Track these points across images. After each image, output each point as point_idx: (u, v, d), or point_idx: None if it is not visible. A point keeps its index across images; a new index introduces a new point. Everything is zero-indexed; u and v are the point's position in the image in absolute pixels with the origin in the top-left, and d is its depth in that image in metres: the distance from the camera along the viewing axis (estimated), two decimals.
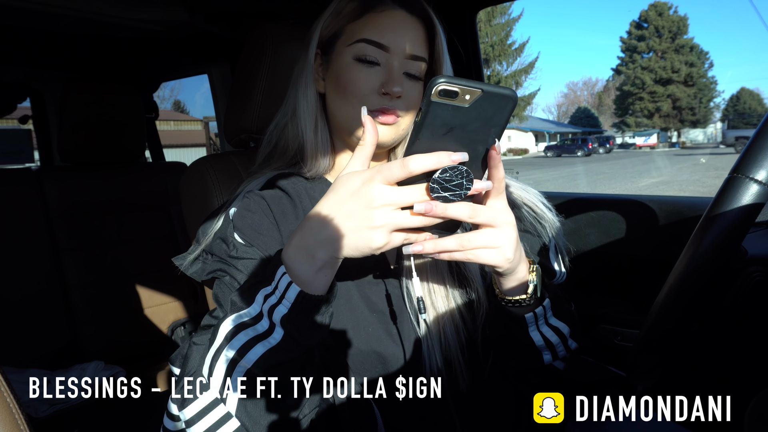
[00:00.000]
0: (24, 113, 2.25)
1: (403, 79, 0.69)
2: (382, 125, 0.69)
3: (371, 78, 0.69)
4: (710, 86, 36.38)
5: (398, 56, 0.69)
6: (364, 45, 0.68)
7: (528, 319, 0.64)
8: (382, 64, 0.69)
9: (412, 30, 0.70)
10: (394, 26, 0.69)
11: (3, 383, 0.48)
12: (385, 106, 0.68)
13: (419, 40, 0.70)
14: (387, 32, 0.69)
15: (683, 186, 11.69)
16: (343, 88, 0.70)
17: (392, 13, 0.70)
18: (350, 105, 0.70)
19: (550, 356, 0.68)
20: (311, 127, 0.74)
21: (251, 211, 0.69)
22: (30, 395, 1.28)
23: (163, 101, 24.81)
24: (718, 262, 0.54)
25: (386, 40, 0.68)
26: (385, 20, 0.69)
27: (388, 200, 0.48)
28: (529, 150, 35.39)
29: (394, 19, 0.70)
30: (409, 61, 0.69)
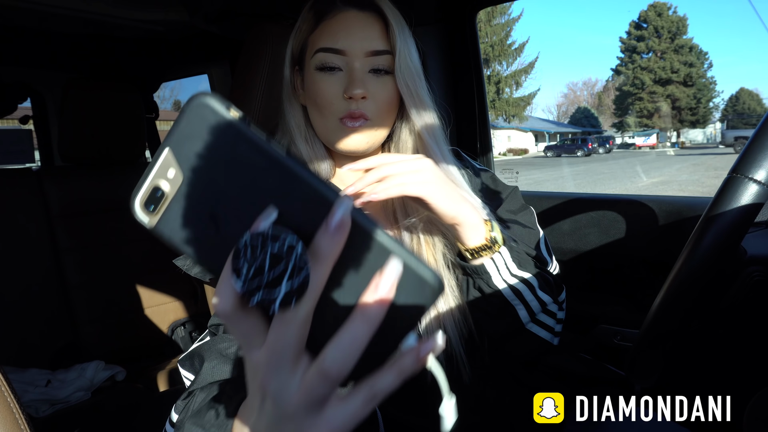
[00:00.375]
0: (25, 113, 2.24)
1: (367, 78, 0.69)
2: (353, 132, 0.70)
3: (335, 85, 0.69)
4: (709, 86, 36.40)
5: (357, 57, 0.69)
6: (322, 54, 0.69)
7: (488, 267, 0.66)
8: (344, 69, 0.69)
9: (366, 27, 0.69)
10: (347, 28, 0.69)
11: (3, 383, 0.48)
12: (351, 109, 0.69)
13: (377, 35, 0.69)
14: (340, 36, 0.69)
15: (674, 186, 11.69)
16: (313, 100, 0.71)
17: (343, 15, 0.70)
18: (322, 116, 0.71)
19: (525, 311, 0.68)
20: (302, 139, 0.75)
21: None
22: (30, 395, 1.28)
23: (163, 101, 24.81)
24: (718, 262, 0.54)
25: (341, 44, 0.68)
26: (336, 25, 0.69)
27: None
28: (529, 150, 35.38)
29: (346, 20, 0.69)
30: (372, 57, 0.69)
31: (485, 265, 0.67)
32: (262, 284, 0.28)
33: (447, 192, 0.64)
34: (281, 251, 0.28)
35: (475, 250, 0.67)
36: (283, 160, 0.29)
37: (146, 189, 0.31)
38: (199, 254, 0.31)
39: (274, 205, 0.29)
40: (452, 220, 0.65)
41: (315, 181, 0.30)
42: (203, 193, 0.30)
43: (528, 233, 0.78)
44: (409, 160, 0.63)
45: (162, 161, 0.30)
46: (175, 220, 0.31)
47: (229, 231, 0.30)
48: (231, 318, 0.30)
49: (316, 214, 0.29)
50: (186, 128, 0.30)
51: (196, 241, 0.31)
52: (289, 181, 0.30)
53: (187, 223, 0.31)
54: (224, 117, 0.30)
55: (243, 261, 0.28)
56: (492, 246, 0.66)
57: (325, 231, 0.29)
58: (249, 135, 0.30)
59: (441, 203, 0.63)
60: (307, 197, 0.30)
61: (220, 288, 0.30)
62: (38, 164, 2.24)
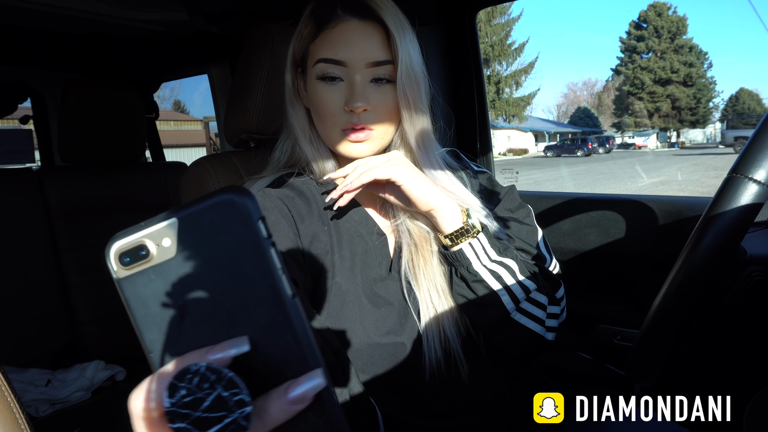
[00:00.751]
0: (25, 113, 2.25)
1: (368, 90, 0.69)
2: (356, 143, 0.71)
3: (336, 96, 0.70)
4: (709, 86, 36.41)
5: (358, 68, 0.69)
6: (323, 65, 0.69)
7: (467, 252, 0.68)
8: (345, 79, 0.69)
9: (367, 37, 0.69)
10: (348, 39, 0.68)
11: (4, 383, 0.48)
12: (353, 122, 0.69)
13: (378, 45, 0.69)
14: (341, 47, 0.68)
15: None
16: (315, 109, 0.72)
17: (344, 25, 0.69)
18: (325, 125, 0.72)
19: (508, 297, 0.69)
20: (307, 141, 0.76)
21: (266, 209, 0.69)
22: (30, 395, 1.28)
23: (163, 101, 24.81)
24: (718, 262, 0.54)
25: (341, 55, 0.68)
26: (337, 35, 0.69)
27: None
28: (529, 150, 35.38)
29: (347, 30, 0.69)
30: (373, 68, 0.69)
31: (464, 250, 0.68)
32: (191, 418, 0.26)
33: (417, 177, 0.67)
34: (229, 401, 0.26)
35: (453, 235, 0.69)
36: (285, 300, 0.28)
37: (132, 241, 0.29)
38: (146, 331, 0.29)
39: (250, 337, 0.28)
40: (426, 205, 0.68)
41: (303, 337, 0.28)
42: (187, 281, 0.28)
43: (527, 230, 0.78)
44: (381, 155, 0.69)
45: (163, 226, 0.29)
46: (144, 286, 0.29)
47: (191, 331, 0.29)
48: (140, 423, 0.28)
49: (284, 368, 0.28)
50: (206, 214, 0.28)
51: (152, 317, 0.29)
52: (279, 323, 0.28)
53: (154, 298, 0.29)
54: (252, 229, 0.28)
55: (186, 386, 0.26)
56: (470, 230, 0.68)
57: (281, 397, 0.27)
58: (265, 258, 0.28)
59: (411, 187, 0.67)
60: (288, 348, 0.28)
61: (147, 391, 0.28)
62: (38, 164, 2.24)
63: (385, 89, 0.70)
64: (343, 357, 0.64)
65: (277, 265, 0.28)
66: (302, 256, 0.69)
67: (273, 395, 0.28)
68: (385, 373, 0.69)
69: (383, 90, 0.70)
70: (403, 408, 0.70)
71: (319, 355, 0.29)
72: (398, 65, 0.68)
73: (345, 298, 0.70)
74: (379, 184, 0.70)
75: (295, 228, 0.70)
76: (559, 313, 0.74)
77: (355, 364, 0.68)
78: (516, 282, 0.69)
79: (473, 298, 0.70)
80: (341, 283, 0.70)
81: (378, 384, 0.69)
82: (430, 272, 0.72)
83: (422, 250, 0.72)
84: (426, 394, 0.70)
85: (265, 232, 0.28)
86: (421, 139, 0.73)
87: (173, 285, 0.29)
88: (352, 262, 0.72)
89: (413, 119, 0.72)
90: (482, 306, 0.70)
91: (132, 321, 0.29)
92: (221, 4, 1.30)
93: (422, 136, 0.73)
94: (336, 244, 0.72)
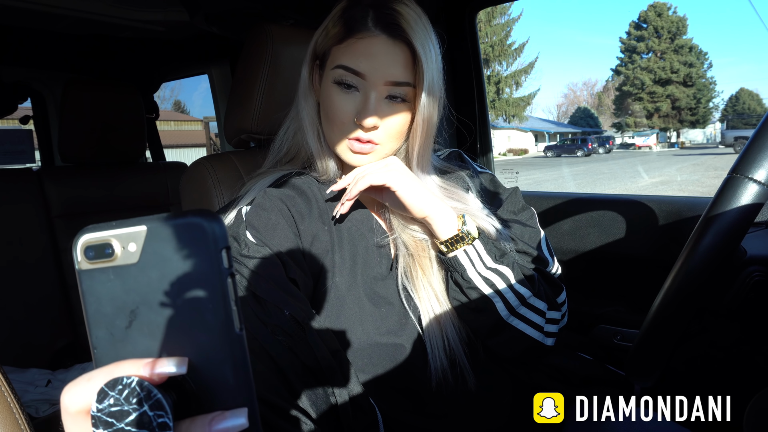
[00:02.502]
0: (25, 113, 2.24)
1: (381, 106, 0.69)
2: (360, 155, 0.71)
3: (349, 104, 0.69)
4: (709, 86, 36.40)
5: (376, 84, 0.68)
6: (342, 71, 0.68)
7: (462, 259, 0.69)
8: (360, 90, 0.69)
9: (392, 56, 0.67)
10: (373, 53, 0.67)
11: (4, 383, 0.48)
12: (360, 136, 0.69)
13: (401, 65, 0.68)
14: (364, 59, 0.67)
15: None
16: (326, 111, 0.72)
17: (372, 39, 0.67)
18: (332, 130, 0.72)
19: (502, 304, 0.69)
20: (314, 135, 0.75)
21: (266, 210, 0.69)
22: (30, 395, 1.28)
23: (163, 101, 24.82)
24: (718, 262, 0.54)
25: (362, 67, 0.67)
26: (363, 47, 0.67)
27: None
28: (529, 150, 35.38)
29: (373, 45, 0.67)
30: (391, 87, 0.68)
31: (459, 257, 0.69)
32: (114, 427, 0.27)
33: (412, 184, 0.69)
34: (153, 422, 0.27)
35: (448, 242, 0.69)
36: (232, 333, 0.29)
37: (100, 237, 0.29)
38: (95, 327, 0.30)
39: (189, 359, 0.29)
40: (420, 212, 0.69)
41: (241, 373, 0.29)
42: (143, 290, 0.29)
43: (529, 233, 0.78)
44: (378, 162, 0.70)
45: (133, 231, 0.29)
46: (101, 283, 0.29)
47: (136, 339, 0.29)
48: (69, 417, 0.29)
49: (216, 397, 0.29)
50: (175, 230, 0.29)
51: (102, 316, 0.29)
52: (220, 353, 0.29)
53: (108, 297, 0.29)
54: (214, 257, 0.29)
55: (115, 396, 0.27)
56: (465, 238, 0.69)
57: (204, 426, 0.28)
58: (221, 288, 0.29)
59: (405, 193, 0.68)
60: (223, 379, 0.29)
61: (81, 388, 0.29)
62: (38, 164, 2.24)
63: (398, 107, 0.70)
64: (342, 358, 0.64)
65: (231, 297, 0.29)
66: (302, 255, 0.69)
67: (198, 422, 0.28)
68: (385, 374, 0.69)
69: (396, 108, 0.70)
70: (403, 408, 0.70)
71: (252, 394, 0.29)
72: (421, 90, 0.68)
73: (345, 297, 0.70)
74: (377, 190, 0.70)
75: (295, 228, 0.70)
76: (559, 318, 0.74)
77: (355, 364, 0.68)
78: (510, 290, 0.69)
79: (467, 303, 0.70)
80: (341, 283, 0.70)
81: (378, 384, 0.69)
82: (429, 281, 0.72)
83: (420, 260, 0.73)
84: (425, 394, 0.70)
85: (226, 262, 0.29)
86: (423, 149, 0.74)
87: (129, 290, 0.29)
88: (352, 261, 0.72)
89: (422, 137, 0.72)
90: (477, 311, 0.70)
91: (84, 314, 0.30)
92: (221, 4, 1.30)
93: (424, 148, 0.74)
94: (336, 244, 0.72)
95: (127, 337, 0.29)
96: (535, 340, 0.71)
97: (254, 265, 0.64)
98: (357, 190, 0.68)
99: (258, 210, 0.69)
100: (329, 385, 0.61)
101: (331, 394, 0.61)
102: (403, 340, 0.71)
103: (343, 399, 0.61)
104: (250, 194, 0.73)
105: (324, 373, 0.60)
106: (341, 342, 0.67)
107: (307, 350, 0.60)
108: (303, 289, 0.67)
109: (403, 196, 0.68)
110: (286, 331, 0.59)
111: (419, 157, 0.74)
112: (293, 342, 0.59)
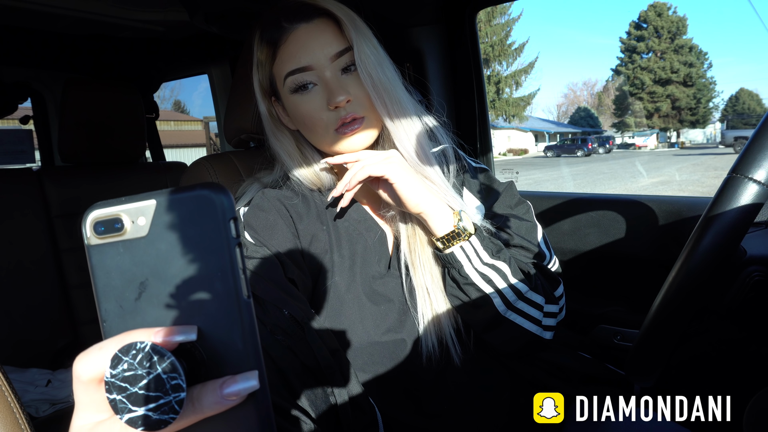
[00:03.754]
0: (25, 113, 2.24)
1: (343, 81, 0.69)
2: (352, 135, 0.70)
3: (316, 100, 0.69)
4: (709, 86, 36.40)
5: (325, 66, 0.69)
6: (291, 78, 0.70)
7: (459, 256, 0.69)
8: (318, 83, 0.69)
9: (320, 34, 0.69)
10: (303, 44, 0.69)
11: (4, 383, 0.48)
12: (341, 117, 0.69)
13: (333, 37, 0.70)
14: (301, 54, 0.69)
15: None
16: (302, 123, 0.72)
17: (295, 34, 0.69)
18: (317, 134, 0.72)
19: (500, 299, 0.69)
20: (298, 163, 0.76)
21: (264, 210, 0.69)
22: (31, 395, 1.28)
23: (163, 101, 24.80)
24: (718, 262, 0.54)
25: (304, 61, 0.69)
26: (293, 45, 0.69)
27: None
28: (529, 150, 35.38)
29: (300, 37, 0.69)
30: (337, 60, 0.69)
31: (455, 254, 0.69)
32: (128, 392, 0.27)
33: (410, 178, 0.68)
34: (166, 384, 0.27)
35: (445, 238, 0.69)
36: (240, 300, 0.29)
37: (110, 212, 0.30)
38: (104, 300, 0.30)
39: (199, 327, 0.29)
40: (416, 207, 0.69)
41: (249, 338, 0.29)
42: (152, 262, 0.30)
43: (526, 227, 0.78)
44: (379, 153, 0.70)
45: (142, 205, 0.30)
46: (111, 257, 0.30)
47: (145, 309, 0.30)
48: (81, 386, 0.30)
49: (226, 363, 0.29)
50: (184, 203, 0.30)
51: (111, 289, 0.30)
52: (229, 319, 0.29)
53: (118, 271, 0.30)
54: (221, 226, 0.29)
55: (128, 360, 0.28)
56: (461, 234, 0.69)
57: (216, 390, 0.29)
58: (229, 256, 0.29)
59: (402, 186, 0.67)
60: (233, 345, 0.29)
61: (93, 356, 0.29)
62: (38, 164, 2.24)
63: (355, 75, 0.70)
64: (341, 357, 0.64)
65: (239, 265, 0.29)
66: (301, 255, 0.69)
67: (209, 387, 0.29)
68: (386, 372, 0.70)
69: (355, 77, 0.70)
70: (403, 407, 0.70)
71: (261, 359, 0.30)
72: (354, 48, 0.68)
73: (344, 297, 0.70)
74: (375, 181, 0.71)
75: (293, 228, 0.70)
76: (557, 312, 0.74)
77: (355, 363, 0.68)
78: (507, 285, 0.69)
79: (465, 299, 0.70)
80: (340, 282, 0.70)
81: (378, 383, 0.69)
82: (426, 258, 0.73)
83: (418, 255, 0.73)
84: (425, 393, 0.70)
85: (234, 231, 0.29)
86: (409, 135, 0.72)
87: (138, 263, 0.30)
88: (351, 260, 0.72)
89: (383, 99, 0.70)
90: (474, 306, 0.70)
91: (93, 288, 0.31)
92: (221, 4, 1.30)
93: (409, 132, 0.72)
94: (335, 243, 0.72)
95: (137, 309, 0.30)
96: (533, 334, 0.71)
97: (253, 266, 0.64)
98: (356, 180, 0.68)
99: (256, 210, 0.69)
100: (329, 384, 0.61)
101: (330, 394, 0.61)
102: (403, 335, 0.71)
103: (342, 399, 0.61)
104: (248, 195, 0.73)
105: (323, 373, 0.60)
106: (341, 341, 0.68)
107: (306, 350, 0.60)
108: (302, 289, 0.67)
109: (401, 188, 0.68)
110: (285, 330, 0.59)
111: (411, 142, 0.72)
112: (292, 342, 0.59)
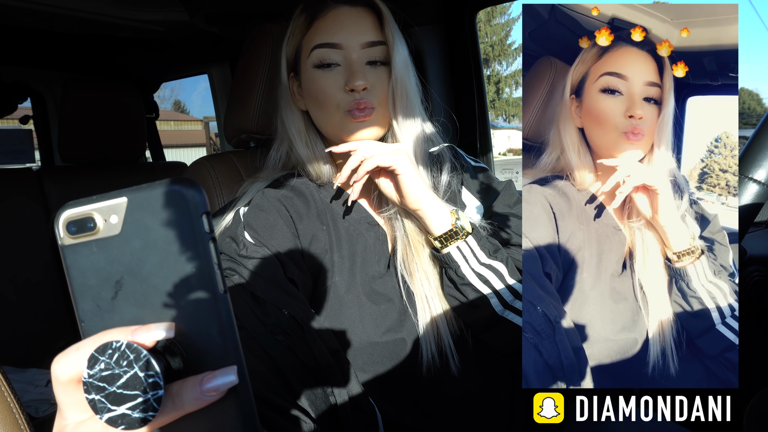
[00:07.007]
0: (25, 113, 2.24)
1: (365, 70, 0.71)
2: (360, 122, 0.71)
3: (335, 79, 0.71)
4: None
5: (354, 49, 0.70)
6: (319, 50, 0.71)
7: (456, 256, 0.68)
8: (341, 63, 0.71)
9: (359, 20, 0.72)
10: (341, 23, 0.71)
11: (3, 383, 0.48)
12: (356, 100, 0.70)
13: (370, 27, 0.72)
14: (335, 31, 0.71)
15: None
16: (314, 99, 0.73)
17: (336, 12, 0.72)
18: (327, 112, 0.72)
19: (497, 299, 0.69)
20: (302, 144, 0.76)
21: (265, 210, 0.69)
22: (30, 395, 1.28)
23: (163, 101, 24.81)
24: None
25: (336, 38, 0.70)
26: (331, 21, 0.71)
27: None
28: None
29: (339, 16, 0.72)
30: (367, 49, 0.71)
31: (452, 253, 0.69)
32: (106, 391, 0.27)
33: (415, 173, 0.69)
34: (144, 382, 0.27)
35: (442, 237, 0.69)
36: (217, 295, 0.29)
37: (82, 212, 0.30)
38: (81, 300, 0.30)
39: (176, 324, 0.29)
40: (415, 203, 0.68)
41: (228, 333, 0.29)
42: (126, 259, 0.30)
43: None
44: (386, 144, 0.70)
45: (114, 203, 0.30)
46: (85, 257, 0.30)
47: (122, 308, 0.30)
48: (60, 387, 0.30)
49: (204, 359, 0.29)
50: (156, 200, 0.29)
51: (88, 288, 0.30)
52: (206, 315, 0.29)
53: (93, 270, 0.30)
54: (194, 222, 0.29)
55: (105, 360, 0.27)
56: (458, 233, 0.68)
57: (195, 386, 0.29)
58: (203, 252, 0.29)
59: (407, 179, 0.67)
60: (211, 340, 0.29)
61: (70, 357, 0.29)
62: (38, 164, 2.24)
63: (380, 71, 0.72)
64: (341, 358, 0.64)
65: (214, 260, 0.29)
66: (301, 255, 0.69)
67: (189, 383, 0.29)
68: (386, 372, 0.70)
69: (379, 72, 0.72)
70: (403, 407, 0.70)
71: (240, 354, 0.30)
72: (393, 45, 0.71)
73: (344, 297, 0.70)
74: (377, 173, 0.71)
75: (293, 228, 0.70)
76: None
77: (355, 363, 0.68)
78: (504, 285, 0.69)
79: (462, 299, 0.71)
80: (340, 282, 0.70)
81: (378, 383, 0.69)
82: (423, 263, 0.73)
83: (416, 253, 0.73)
84: (425, 392, 0.70)
85: (207, 226, 0.30)
86: (413, 140, 0.74)
87: (113, 261, 0.30)
88: (351, 260, 0.72)
89: (403, 110, 0.72)
90: (471, 306, 0.70)
91: (69, 289, 0.30)
92: (221, 4, 1.30)
93: (414, 137, 0.74)
94: (335, 243, 0.72)
95: (114, 308, 0.30)
96: None
97: (253, 266, 0.64)
98: (364, 170, 0.68)
99: (256, 211, 0.69)
100: (328, 384, 0.61)
101: (330, 394, 0.61)
102: (403, 335, 0.71)
103: (342, 399, 0.61)
104: (248, 195, 0.73)
105: (323, 373, 0.60)
106: (341, 341, 0.68)
107: (306, 350, 0.60)
108: (302, 289, 0.67)
109: (405, 181, 0.68)
110: (285, 330, 0.59)
111: (416, 139, 0.74)
112: (292, 342, 0.59)
